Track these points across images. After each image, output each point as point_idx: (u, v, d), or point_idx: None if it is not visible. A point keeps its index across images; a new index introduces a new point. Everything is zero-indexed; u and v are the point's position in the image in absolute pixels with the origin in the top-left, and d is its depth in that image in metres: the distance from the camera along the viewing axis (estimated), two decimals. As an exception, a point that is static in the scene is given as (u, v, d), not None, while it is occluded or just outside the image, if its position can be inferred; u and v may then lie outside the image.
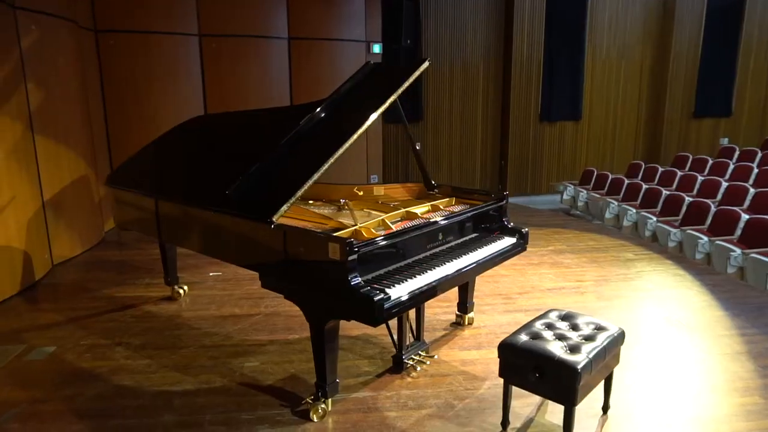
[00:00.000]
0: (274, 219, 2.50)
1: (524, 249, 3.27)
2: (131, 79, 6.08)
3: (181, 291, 4.10)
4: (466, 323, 3.59)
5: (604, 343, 2.35)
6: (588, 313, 3.68)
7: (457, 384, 2.87)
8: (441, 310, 3.82)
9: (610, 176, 8.12)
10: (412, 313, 3.08)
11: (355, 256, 2.28)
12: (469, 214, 3.02)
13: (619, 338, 2.47)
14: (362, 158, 7.66)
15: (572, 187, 8.50)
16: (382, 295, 2.25)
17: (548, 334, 2.45)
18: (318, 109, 3.05)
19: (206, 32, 6.38)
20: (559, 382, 2.21)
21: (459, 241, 2.98)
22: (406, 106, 9.34)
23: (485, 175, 9.80)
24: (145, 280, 4.46)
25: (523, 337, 2.41)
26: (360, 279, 2.30)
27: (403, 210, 3.09)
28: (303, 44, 6.91)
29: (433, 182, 3.55)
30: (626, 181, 7.71)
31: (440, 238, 2.81)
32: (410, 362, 3.01)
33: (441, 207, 3.25)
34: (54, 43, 4.79)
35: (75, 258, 5.10)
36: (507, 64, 9.25)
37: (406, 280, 2.45)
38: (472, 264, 2.79)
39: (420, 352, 3.09)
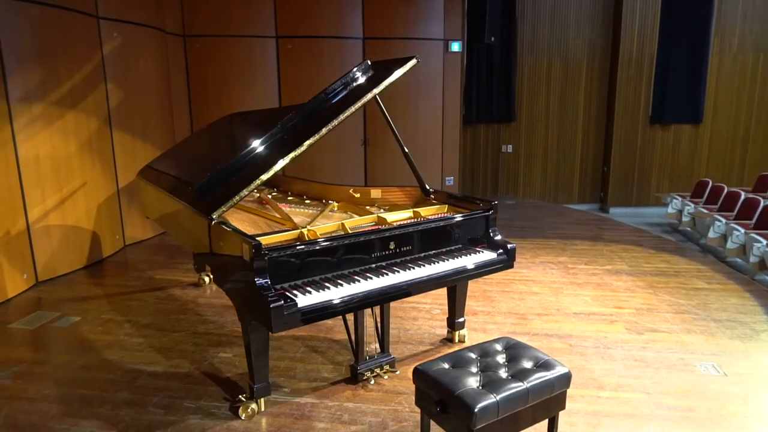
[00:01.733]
0: (214, 216, 2.55)
1: (508, 266, 2.94)
2: (213, 80, 6.59)
3: (207, 278, 4.37)
4: (457, 340, 3.33)
5: (529, 385, 2.02)
6: (602, 347, 3.25)
7: (407, 404, 2.67)
8: (439, 323, 3.60)
9: (726, 189, 6.96)
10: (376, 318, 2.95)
11: (263, 259, 2.24)
12: (431, 225, 2.79)
13: (558, 381, 2.10)
14: (436, 159, 7.47)
15: (679, 199, 7.45)
16: (281, 302, 2.18)
17: (474, 365, 2.17)
18: (306, 107, 3.06)
19: (282, 34, 6.69)
20: (457, 420, 1.96)
21: (430, 252, 2.79)
22: (496, 106, 9.00)
23: (584, 183, 9.00)
24: (187, 266, 4.82)
25: (443, 364, 2.17)
26: (268, 282, 2.25)
27: (375, 215, 2.97)
28: (378, 44, 6.92)
29: (428, 188, 3.34)
30: (743, 196, 6.55)
31: (392, 247, 2.64)
32: (368, 374, 2.88)
33: (422, 214, 3.05)
34: (135, 48, 5.37)
35: (145, 241, 5.70)
36: (614, 60, 8.37)
37: (326, 289, 2.35)
38: (421, 278, 2.58)
39: (384, 365, 2.94)
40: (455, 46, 7.17)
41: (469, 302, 3.93)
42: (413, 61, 3.04)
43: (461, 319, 3.30)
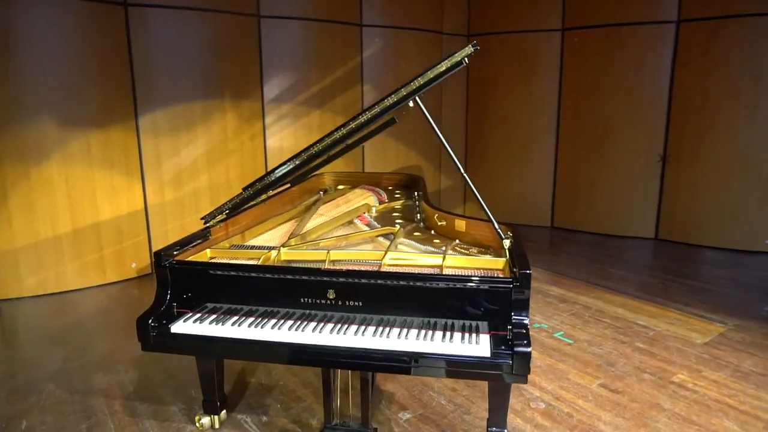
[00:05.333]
0: (208, 217, 2.54)
1: (511, 379, 1.79)
2: (490, 79, 6.26)
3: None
4: (495, 455, 2.27)
5: None
6: None
7: (326, 503, 2.05)
8: (523, 423, 2.53)
9: None
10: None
11: (163, 269, 2.10)
12: (392, 282, 1.96)
13: None
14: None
15: None
16: (148, 320, 2.01)
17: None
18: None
19: (570, 26, 5.71)
20: None
21: (392, 317, 2.00)
22: None
23: None
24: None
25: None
26: (166, 295, 2.11)
27: (381, 252, 2.31)
28: (702, 27, 5.06)
29: (499, 230, 2.34)
30: None
31: (330, 297, 2.01)
32: (333, 443, 2.32)
33: (445, 264, 2.19)
34: (396, 50, 5.65)
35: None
36: None
37: (221, 324, 2.01)
38: (338, 346, 1.89)
39: (359, 439, 2.31)
40: (843, 21, 4.53)
41: (598, 410, 2.64)
42: (466, 50, 2.17)
43: (495, 430, 2.22)
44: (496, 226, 2.32)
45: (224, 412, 2.53)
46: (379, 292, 1.98)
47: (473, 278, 1.93)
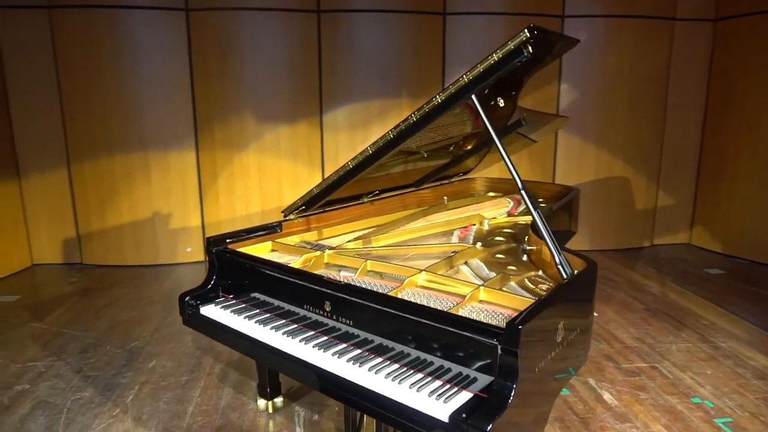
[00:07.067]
0: (287, 210, 2.64)
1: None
2: (739, 75, 4.85)
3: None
4: None
5: None
6: None
7: None
8: None
9: None
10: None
11: (212, 254, 2.26)
12: (389, 309, 1.69)
13: None
14: None
15: None
16: (187, 297, 2.20)
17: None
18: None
19: None
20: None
21: (378, 341, 1.75)
22: None
23: None
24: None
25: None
26: (211, 277, 2.26)
27: (419, 271, 2.05)
28: None
29: (563, 269, 1.83)
30: None
31: (327, 309, 1.86)
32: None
33: (476, 298, 1.82)
34: (605, 42, 4.87)
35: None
36: None
37: (239, 315, 2.08)
38: (313, 364, 1.74)
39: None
40: None
41: None
42: (521, 35, 1.73)
43: None
44: (557, 258, 1.83)
45: (280, 399, 2.62)
46: (368, 313, 1.76)
47: (448, 317, 1.56)
